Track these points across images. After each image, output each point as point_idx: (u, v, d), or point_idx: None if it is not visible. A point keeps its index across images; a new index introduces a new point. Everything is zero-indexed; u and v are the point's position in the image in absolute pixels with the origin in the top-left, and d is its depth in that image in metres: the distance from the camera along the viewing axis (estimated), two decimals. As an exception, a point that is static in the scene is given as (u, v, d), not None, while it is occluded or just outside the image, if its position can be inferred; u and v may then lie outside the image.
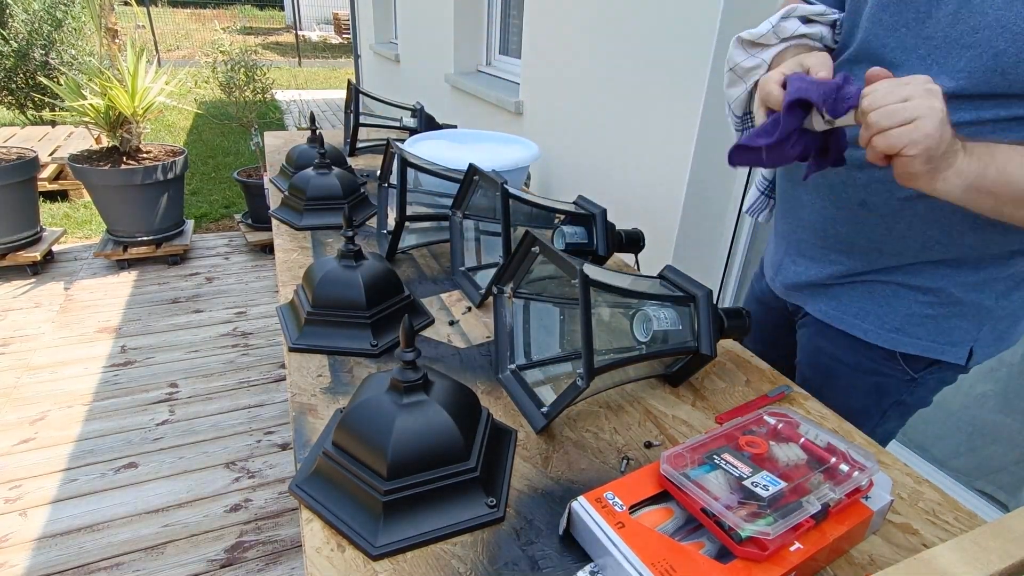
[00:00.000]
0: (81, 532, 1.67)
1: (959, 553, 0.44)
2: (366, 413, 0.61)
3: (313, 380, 0.81)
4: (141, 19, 10.03)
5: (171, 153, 3.24)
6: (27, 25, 4.28)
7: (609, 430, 0.75)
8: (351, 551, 0.57)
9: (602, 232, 1.08)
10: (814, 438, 0.63)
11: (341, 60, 11.94)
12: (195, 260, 3.35)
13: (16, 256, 2.99)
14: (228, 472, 1.90)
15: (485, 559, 0.56)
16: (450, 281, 1.13)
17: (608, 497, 0.57)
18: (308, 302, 0.90)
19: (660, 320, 0.78)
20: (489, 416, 0.69)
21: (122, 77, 2.96)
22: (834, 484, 0.56)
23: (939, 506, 0.65)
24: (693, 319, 0.81)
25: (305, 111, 7.10)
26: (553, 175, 3.01)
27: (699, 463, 0.59)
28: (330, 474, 0.62)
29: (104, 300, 2.88)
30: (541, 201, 1.08)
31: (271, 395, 2.28)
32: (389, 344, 0.89)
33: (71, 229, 3.61)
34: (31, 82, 4.44)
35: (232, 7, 18.18)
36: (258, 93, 3.51)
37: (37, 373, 2.33)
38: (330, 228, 1.32)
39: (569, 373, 0.83)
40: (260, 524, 1.72)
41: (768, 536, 0.50)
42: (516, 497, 0.64)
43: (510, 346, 0.85)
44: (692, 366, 0.82)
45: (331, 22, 15.70)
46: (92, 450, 1.96)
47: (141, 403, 2.19)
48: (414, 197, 1.21)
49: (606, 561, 0.53)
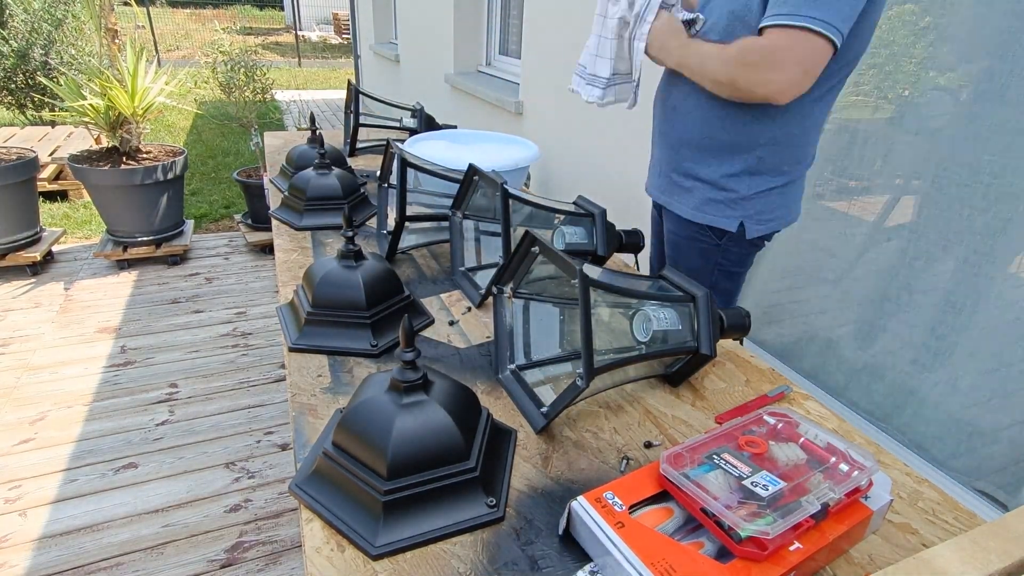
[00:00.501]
0: (81, 532, 1.67)
1: (958, 553, 0.44)
2: (366, 413, 0.61)
3: (313, 380, 0.81)
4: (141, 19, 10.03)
5: (171, 153, 3.24)
6: (27, 24, 4.28)
7: (609, 430, 0.75)
8: (351, 551, 0.57)
9: (602, 232, 1.08)
10: (814, 438, 0.63)
11: (341, 60, 11.94)
12: (195, 260, 3.35)
13: (16, 256, 2.99)
14: (228, 472, 1.90)
15: (485, 559, 0.57)
16: (450, 281, 1.13)
17: (608, 497, 0.57)
18: (308, 302, 0.90)
19: (660, 320, 0.79)
20: (489, 416, 0.69)
21: (122, 77, 2.96)
22: (834, 484, 0.56)
23: (938, 506, 0.66)
24: (693, 319, 0.81)
25: (305, 111, 7.10)
26: (553, 175, 3.02)
27: (699, 463, 0.59)
28: (330, 474, 0.62)
29: (104, 300, 2.88)
30: (541, 201, 1.09)
31: (271, 395, 2.28)
32: (389, 344, 0.89)
33: (71, 229, 3.61)
34: (31, 82, 4.44)
35: (232, 7, 18.18)
36: (258, 93, 3.51)
37: (37, 373, 2.33)
38: (330, 228, 1.32)
39: (569, 373, 0.83)
40: (260, 524, 1.72)
41: (768, 536, 0.51)
42: (516, 497, 0.64)
43: (510, 346, 0.85)
44: (692, 366, 0.82)
45: (331, 22, 15.71)
46: (92, 450, 1.96)
47: (141, 403, 2.19)
48: (414, 197, 1.21)
49: (606, 561, 0.53)
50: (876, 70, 1.59)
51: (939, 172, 1.48)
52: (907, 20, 1.52)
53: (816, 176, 1.78)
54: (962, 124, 1.41)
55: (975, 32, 1.36)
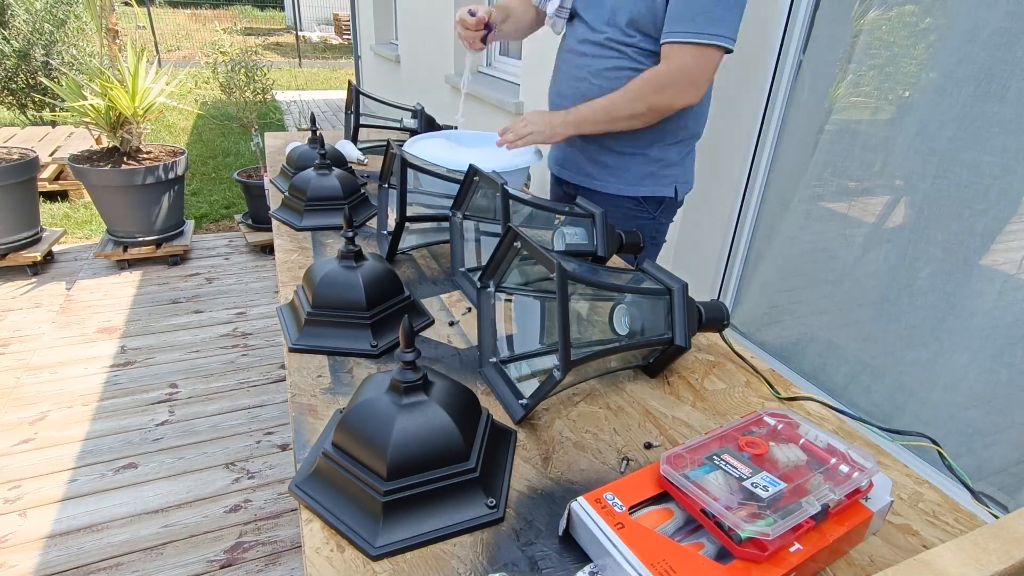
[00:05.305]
0: (81, 532, 1.67)
1: (959, 554, 0.44)
2: (366, 413, 0.61)
3: (313, 380, 0.81)
4: (142, 19, 10.03)
5: (171, 153, 3.24)
6: (29, 25, 4.28)
7: (609, 431, 0.75)
8: (351, 551, 0.57)
9: (602, 233, 1.08)
10: (814, 439, 0.63)
11: (341, 61, 11.94)
12: (195, 260, 3.35)
13: (16, 256, 2.99)
14: (228, 473, 1.90)
15: (485, 559, 0.56)
16: (450, 282, 1.13)
17: (608, 498, 0.57)
18: (308, 302, 0.90)
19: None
20: (489, 416, 0.69)
21: (123, 77, 2.96)
22: (834, 485, 0.56)
23: (939, 507, 0.65)
24: (669, 311, 0.82)
25: (305, 111, 7.10)
26: (553, 176, 3.01)
27: (699, 464, 0.59)
28: (330, 474, 0.62)
29: (104, 300, 2.88)
30: (541, 202, 1.09)
31: (271, 395, 2.28)
32: (389, 344, 0.89)
33: (71, 229, 3.61)
34: (32, 82, 4.44)
35: (232, 8, 18.19)
36: (258, 94, 3.51)
37: (37, 373, 2.33)
38: (330, 229, 1.32)
39: (550, 367, 0.84)
40: (260, 524, 1.72)
41: (768, 537, 0.50)
42: (516, 497, 0.64)
43: (493, 340, 0.85)
44: (667, 358, 0.83)
45: (331, 23, 15.71)
46: (92, 450, 1.96)
47: (141, 403, 2.19)
48: (414, 198, 1.21)
49: (606, 562, 0.53)
50: (876, 71, 1.59)
51: (939, 173, 1.48)
52: (907, 21, 1.52)
53: (816, 177, 1.78)
54: (962, 124, 1.41)
55: (975, 33, 1.36)
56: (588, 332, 0.79)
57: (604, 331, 0.80)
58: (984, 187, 1.39)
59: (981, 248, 1.41)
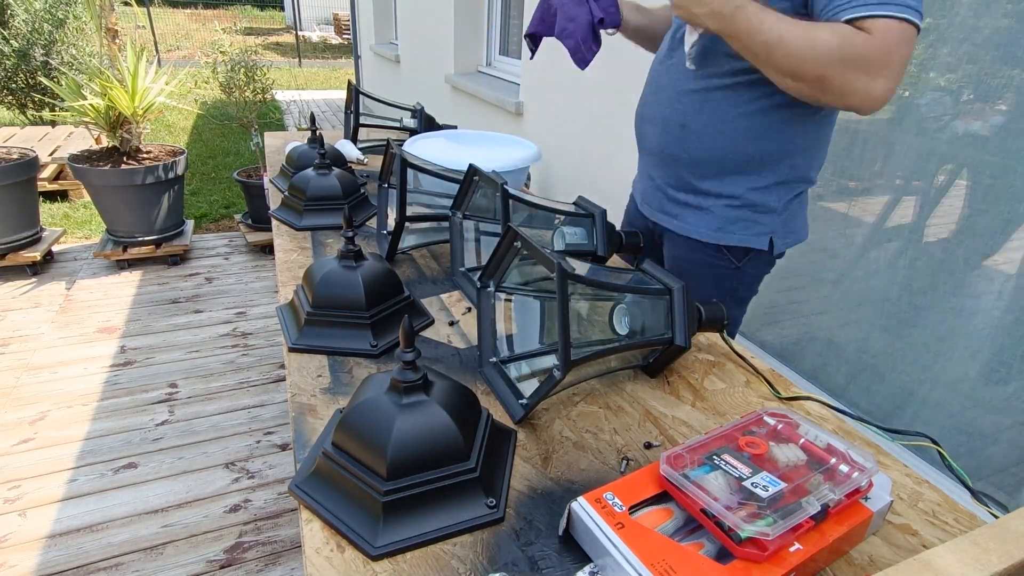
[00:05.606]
0: (81, 532, 1.67)
1: (958, 554, 0.44)
2: (366, 413, 0.61)
3: (313, 380, 0.81)
4: (141, 19, 10.03)
5: (171, 153, 3.24)
6: (28, 24, 4.28)
7: (609, 431, 0.75)
8: (351, 551, 0.57)
9: (602, 233, 1.08)
10: (814, 439, 0.63)
11: (341, 60, 11.94)
12: (195, 260, 3.35)
13: (16, 256, 2.99)
14: (228, 472, 1.90)
15: (485, 559, 0.56)
16: (450, 282, 1.13)
17: (608, 498, 0.57)
18: (308, 302, 0.90)
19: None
20: (489, 416, 0.69)
21: (122, 77, 2.96)
22: (834, 485, 0.56)
23: (939, 507, 0.65)
24: (669, 311, 0.82)
25: (305, 111, 7.10)
26: (553, 175, 3.02)
27: (699, 464, 0.59)
28: (330, 474, 0.62)
29: (104, 300, 2.88)
30: (541, 202, 1.09)
31: (271, 395, 2.28)
32: (389, 344, 0.89)
33: (71, 229, 3.61)
34: (32, 82, 4.44)
35: (232, 7, 18.18)
36: (258, 93, 3.51)
37: (37, 373, 2.33)
38: (330, 228, 1.32)
39: (550, 366, 0.84)
40: (260, 524, 1.72)
41: (768, 537, 0.50)
42: (516, 497, 0.64)
43: (493, 340, 0.85)
44: (667, 357, 0.83)
45: (331, 23, 15.71)
46: (92, 450, 1.96)
47: (141, 403, 2.19)
48: (414, 198, 1.21)
49: (606, 562, 0.53)
50: (876, 71, 1.59)
51: (939, 172, 1.48)
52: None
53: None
54: (962, 124, 1.41)
55: (975, 33, 1.36)
56: (588, 332, 0.79)
57: (604, 331, 0.80)
58: (984, 187, 1.39)
59: (981, 248, 1.42)
